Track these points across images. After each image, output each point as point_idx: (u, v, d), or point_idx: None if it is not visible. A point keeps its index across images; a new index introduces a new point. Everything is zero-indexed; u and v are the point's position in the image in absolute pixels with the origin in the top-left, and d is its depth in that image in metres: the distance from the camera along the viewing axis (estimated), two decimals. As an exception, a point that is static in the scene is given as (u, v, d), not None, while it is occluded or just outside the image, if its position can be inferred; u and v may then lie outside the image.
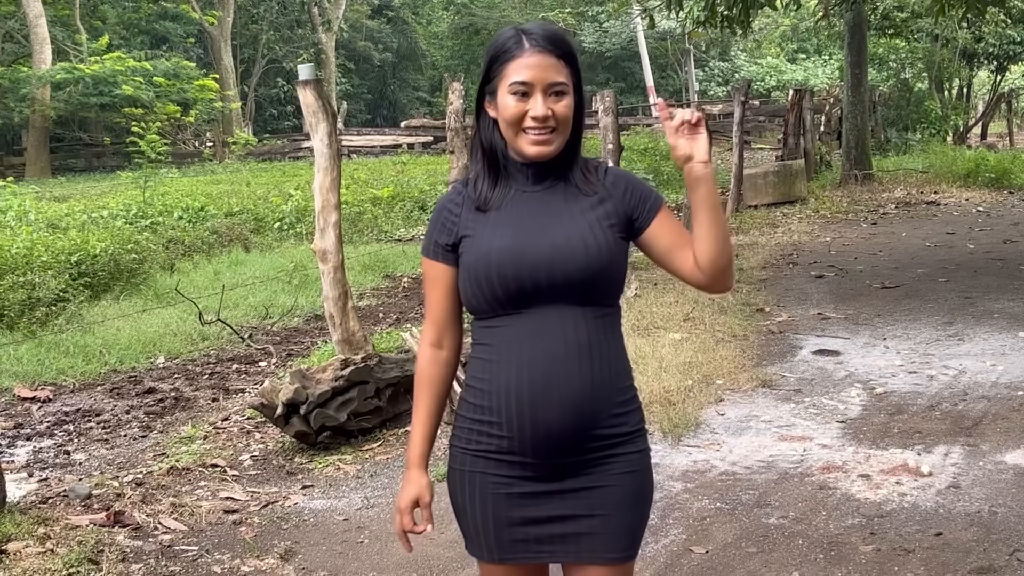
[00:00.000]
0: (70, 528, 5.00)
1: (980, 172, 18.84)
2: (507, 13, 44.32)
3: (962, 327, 8.43)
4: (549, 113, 2.36)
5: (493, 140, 2.46)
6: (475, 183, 2.49)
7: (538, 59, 2.36)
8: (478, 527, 2.49)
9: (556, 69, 2.38)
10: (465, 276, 2.43)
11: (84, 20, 36.12)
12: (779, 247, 13.20)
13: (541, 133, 2.37)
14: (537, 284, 2.35)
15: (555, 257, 2.35)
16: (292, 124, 42.58)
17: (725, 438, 6.03)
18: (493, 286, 2.37)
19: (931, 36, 25.15)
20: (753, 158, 22.53)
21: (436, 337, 2.55)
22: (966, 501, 4.94)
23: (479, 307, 2.43)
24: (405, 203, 18.24)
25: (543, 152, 2.39)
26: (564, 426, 2.36)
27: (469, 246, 2.43)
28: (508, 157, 2.45)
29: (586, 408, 2.37)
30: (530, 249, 2.36)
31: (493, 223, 2.42)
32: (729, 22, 12.51)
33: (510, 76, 2.37)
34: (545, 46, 2.37)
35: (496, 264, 2.36)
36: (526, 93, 2.36)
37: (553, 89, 2.37)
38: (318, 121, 6.98)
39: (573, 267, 2.35)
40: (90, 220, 14.45)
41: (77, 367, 8.40)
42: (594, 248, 2.36)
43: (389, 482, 5.62)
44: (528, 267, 2.35)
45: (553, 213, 2.41)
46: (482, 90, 2.46)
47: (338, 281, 7.02)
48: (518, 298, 2.36)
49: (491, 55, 2.42)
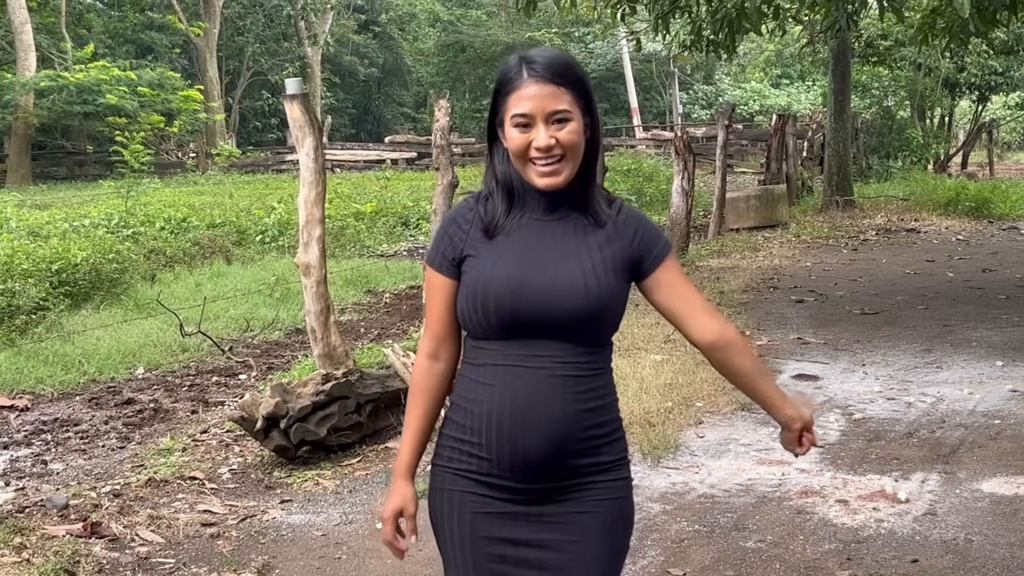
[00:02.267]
0: (47, 538, 4.97)
1: (960, 201, 18.96)
2: (493, 32, 44.55)
3: (940, 355, 8.48)
4: (552, 142, 2.35)
5: (508, 170, 2.46)
6: (487, 202, 2.48)
7: (536, 89, 2.36)
8: (455, 546, 2.49)
9: (556, 97, 2.36)
10: (463, 297, 2.43)
11: (69, 28, 36.07)
12: (760, 271, 13.25)
13: (548, 163, 2.37)
14: (532, 318, 2.35)
15: (554, 295, 2.35)
16: (276, 137, 42.59)
17: (704, 460, 6.04)
18: (489, 313, 2.37)
19: (914, 65, 25.37)
20: (735, 182, 22.63)
21: (433, 349, 2.54)
22: (942, 528, 4.96)
23: (472, 328, 2.43)
24: (388, 219, 18.26)
25: (553, 183, 2.38)
26: (541, 454, 2.37)
27: (472, 267, 2.42)
28: (524, 185, 2.44)
29: (563, 439, 2.38)
30: (531, 283, 2.35)
31: (499, 249, 2.41)
32: (715, 46, 12.58)
33: (511, 108, 2.38)
34: (543, 75, 2.36)
35: (495, 293, 2.36)
36: (528, 124, 2.36)
37: (555, 117, 2.36)
38: (304, 135, 6.99)
39: (570, 307, 2.35)
40: (71, 229, 14.38)
41: (56, 376, 8.36)
42: (595, 290, 2.37)
43: (368, 498, 5.61)
44: (527, 301, 2.35)
45: (560, 248, 2.41)
46: (492, 121, 2.47)
47: (320, 295, 7.02)
48: (511, 328, 2.37)
49: (496, 87, 2.43)
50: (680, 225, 13.97)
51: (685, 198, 13.87)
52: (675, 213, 13.99)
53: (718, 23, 11.26)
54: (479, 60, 46.09)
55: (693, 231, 15.69)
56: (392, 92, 49.22)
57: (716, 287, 11.66)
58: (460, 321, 2.48)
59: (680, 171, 13.85)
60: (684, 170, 13.76)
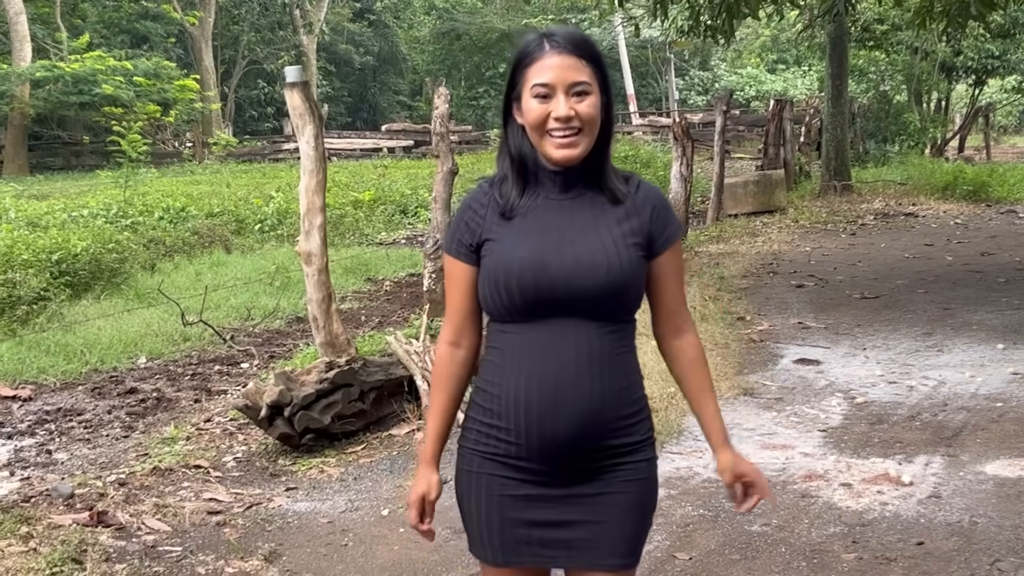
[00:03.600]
0: (53, 527, 4.98)
1: (958, 185, 18.93)
2: (489, 19, 44.44)
3: (941, 338, 8.49)
4: (572, 113, 2.34)
5: (522, 147, 2.44)
6: (501, 185, 2.47)
7: (558, 59, 2.36)
8: (482, 528, 2.50)
9: (577, 69, 2.37)
10: (484, 280, 2.42)
11: (64, 18, 35.95)
12: (759, 256, 13.26)
13: (566, 135, 2.36)
14: (555, 297, 2.34)
15: (576, 272, 2.34)
16: (272, 126, 42.51)
17: (707, 445, 6.03)
18: (512, 294, 2.36)
19: (911, 49, 25.33)
20: (733, 167, 22.58)
21: (455, 336, 2.54)
22: (947, 511, 4.98)
23: (495, 312, 2.43)
24: (386, 207, 18.25)
25: (569, 155, 2.37)
26: (571, 437, 2.37)
27: (491, 250, 2.42)
28: (538, 163, 2.43)
29: (594, 421, 2.38)
30: (551, 262, 2.35)
31: (517, 230, 2.41)
32: (712, 31, 12.57)
33: (532, 79, 2.37)
34: (565, 47, 2.36)
35: (516, 273, 2.35)
36: (548, 95, 2.35)
37: (575, 89, 2.36)
38: (304, 123, 6.98)
39: (593, 283, 2.34)
40: (70, 219, 14.37)
41: (58, 366, 8.36)
42: (616, 266, 2.36)
43: (373, 485, 5.63)
44: (548, 280, 2.34)
45: (578, 225, 2.40)
46: (508, 97, 2.46)
47: (322, 284, 7.02)
48: (535, 308, 2.36)
49: (515, 61, 2.42)
50: (679, 211, 13.94)
51: (684, 184, 13.86)
52: (674, 199, 13.95)
53: (716, 8, 11.26)
54: (474, 47, 46.02)
55: (691, 217, 15.69)
56: (388, 80, 49.10)
57: (716, 272, 11.66)
58: (483, 305, 2.47)
59: (679, 157, 13.84)
60: (683, 156, 13.75)
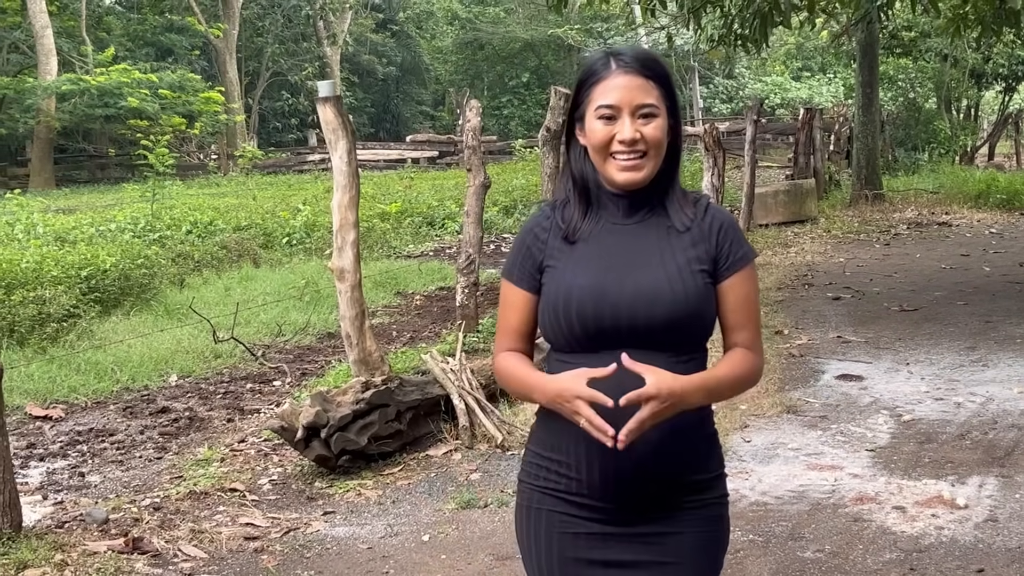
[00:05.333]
0: (88, 555, 4.89)
1: (991, 193, 18.70)
2: (512, 29, 44.34)
3: (985, 352, 8.31)
4: (637, 136, 2.25)
5: (584, 169, 2.35)
6: (563, 209, 2.37)
7: (625, 80, 2.26)
8: (542, 566, 2.39)
9: (644, 90, 2.27)
10: (545, 308, 2.32)
11: (90, 31, 36.08)
12: (793, 267, 13.10)
13: (630, 158, 2.26)
14: (617, 327, 2.23)
15: (637, 302, 2.23)
16: (296, 137, 42.55)
17: (753, 466, 5.91)
18: (572, 324, 2.26)
19: (940, 56, 25.08)
20: (761, 176, 22.37)
21: (509, 348, 2.43)
22: (1005, 535, 4.83)
23: (557, 341, 2.32)
24: (413, 218, 18.15)
25: (633, 179, 2.28)
26: (635, 475, 2.26)
27: (552, 277, 2.32)
28: (600, 186, 2.34)
29: (661, 456, 2.25)
30: (612, 290, 2.24)
31: (578, 257, 2.31)
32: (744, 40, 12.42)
33: (596, 100, 2.28)
34: (633, 66, 2.27)
35: (576, 301, 2.25)
36: (613, 116, 2.26)
37: (641, 111, 2.26)
38: (337, 138, 6.91)
39: (656, 313, 2.23)
40: (98, 233, 14.32)
41: (89, 385, 8.27)
42: (681, 295, 2.25)
43: (412, 509, 5.51)
44: (609, 309, 2.23)
45: (642, 252, 2.29)
46: (571, 117, 2.36)
47: (355, 300, 6.93)
48: (596, 338, 2.25)
49: (580, 80, 2.33)
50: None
51: (716, 194, 13.67)
52: (705, 210, 13.81)
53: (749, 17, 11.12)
54: (497, 57, 45.92)
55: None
56: (411, 91, 49.07)
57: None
58: (544, 334, 2.37)
59: (710, 167, 13.66)
60: (714, 166, 13.58)
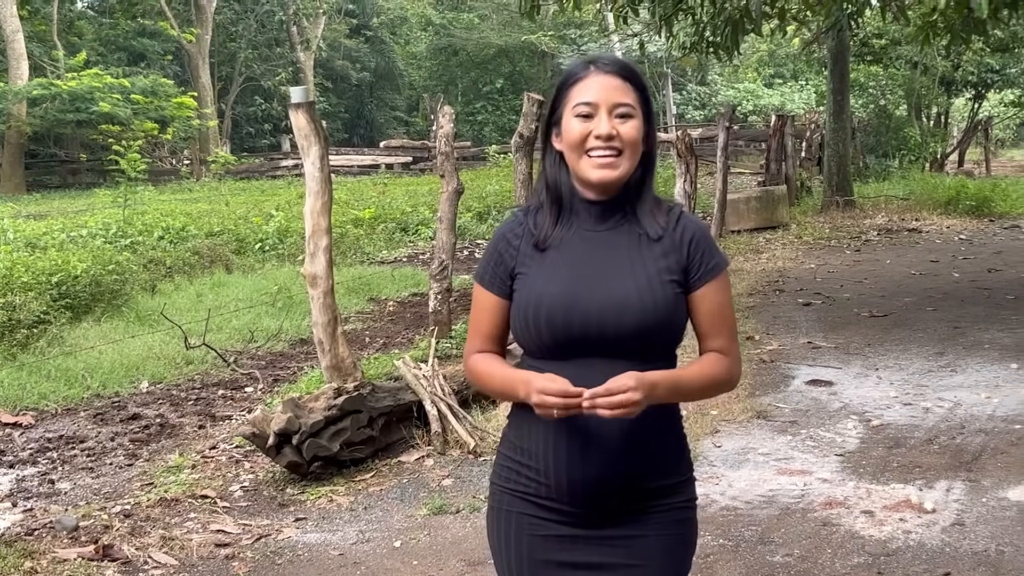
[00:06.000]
0: (58, 562, 4.87)
1: (961, 200, 18.86)
2: (486, 35, 44.38)
3: (953, 358, 8.39)
4: (614, 132, 2.27)
5: (559, 176, 2.37)
6: (536, 215, 2.40)
7: (604, 80, 2.31)
8: (511, 567, 2.42)
9: (622, 91, 2.31)
10: (516, 314, 2.35)
11: (61, 36, 35.89)
12: (764, 273, 13.17)
13: (606, 155, 2.28)
14: (587, 335, 2.26)
15: (606, 311, 2.25)
16: (269, 142, 42.40)
17: (724, 471, 5.95)
18: (541, 331, 2.28)
19: (910, 63, 25.30)
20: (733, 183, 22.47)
21: (481, 350, 2.46)
22: (972, 539, 4.87)
23: (528, 346, 2.35)
24: (387, 224, 18.12)
25: (608, 177, 2.29)
26: (602, 480, 2.29)
27: (523, 284, 2.35)
28: (574, 193, 2.36)
29: (627, 461, 2.28)
30: (582, 298, 2.26)
31: (549, 264, 2.33)
32: (716, 47, 12.47)
33: (574, 99, 2.31)
34: (612, 69, 2.32)
35: (546, 309, 2.27)
36: (590, 115, 2.29)
37: (618, 110, 2.30)
38: (310, 144, 6.89)
39: (624, 322, 2.25)
40: (69, 239, 14.19)
41: (59, 391, 8.21)
42: (650, 305, 2.27)
43: (383, 515, 5.51)
44: (579, 317, 2.25)
45: (613, 260, 2.31)
46: (548, 123, 2.39)
47: (328, 306, 6.91)
48: (566, 346, 2.27)
49: (559, 83, 2.36)
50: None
51: (688, 201, 13.71)
52: (677, 216, 13.86)
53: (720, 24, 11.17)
54: (471, 63, 45.96)
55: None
56: (384, 96, 49.00)
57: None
58: (516, 340, 2.40)
59: (682, 173, 13.67)
60: (686, 172, 13.59)
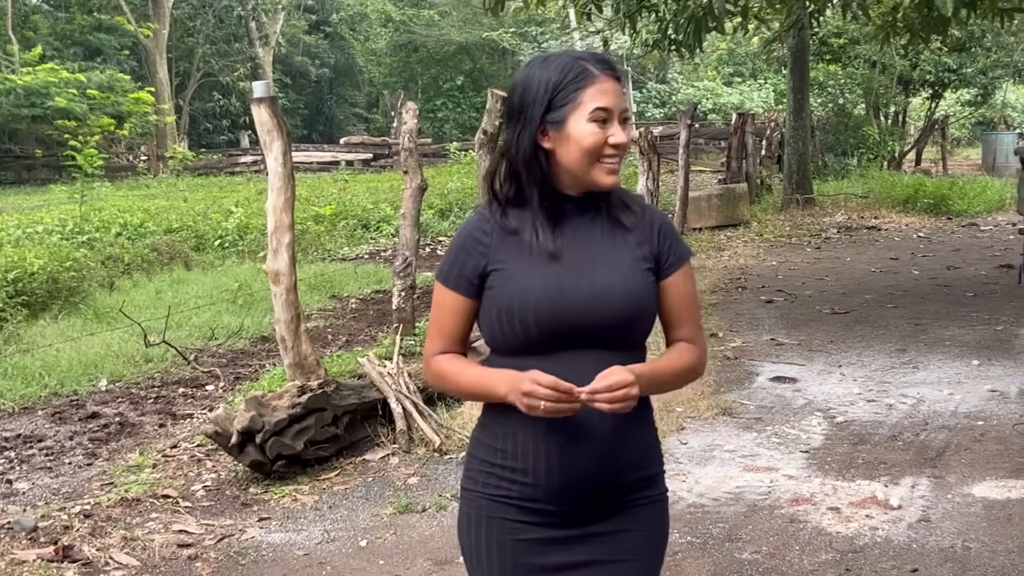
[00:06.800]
0: (16, 563, 4.78)
1: (919, 198, 19.00)
2: (446, 31, 44.26)
3: (915, 355, 8.44)
4: (628, 141, 2.28)
5: (548, 173, 2.32)
6: (504, 210, 2.34)
7: (614, 86, 2.28)
8: (493, 574, 2.37)
9: (623, 97, 2.32)
10: (494, 313, 2.28)
11: (16, 30, 35.36)
12: (727, 271, 13.20)
13: (616, 162, 2.29)
14: (575, 327, 2.23)
15: (595, 301, 2.23)
16: (227, 138, 42.10)
17: (690, 468, 5.94)
18: (527, 326, 2.23)
19: (868, 62, 25.46)
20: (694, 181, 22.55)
21: (444, 351, 2.41)
22: (938, 535, 4.89)
23: (505, 345, 2.29)
24: (348, 221, 18.01)
25: (617, 182, 2.32)
26: (594, 475, 2.27)
27: (500, 281, 2.29)
28: (555, 190, 2.33)
29: (617, 456, 2.28)
30: (570, 290, 2.23)
31: (529, 258, 2.28)
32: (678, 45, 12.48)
33: (589, 102, 2.25)
34: (615, 73, 2.29)
35: (533, 303, 2.23)
36: (607, 120, 2.26)
37: (623, 116, 2.30)
38: (272, 139, 6.80)
39: (614, 312, 2.24)
40: (24, 235, 14.00)
41: (16, 390, 8.07)
42: (636, 293, 2.27)
43: (349, 514, 5.46)
44: (568, 309, 2.22)
45: (595, 251, 2.30)
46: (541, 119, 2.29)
47: (291, 303, 6.83)
48: (554, 340, 2.24)
49: (555, 81, 2.27)
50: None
51: (651, 198, 13.74)
52: (640, 213, 13.86)
53: (684, 22, 11.18)
54: (432, 60, 45.80)
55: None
56: (344, 92, 48.80)
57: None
58: (488, 338, 2.34)
59: (645, 171, 13.71)
60: (649, 170, 13.62)
